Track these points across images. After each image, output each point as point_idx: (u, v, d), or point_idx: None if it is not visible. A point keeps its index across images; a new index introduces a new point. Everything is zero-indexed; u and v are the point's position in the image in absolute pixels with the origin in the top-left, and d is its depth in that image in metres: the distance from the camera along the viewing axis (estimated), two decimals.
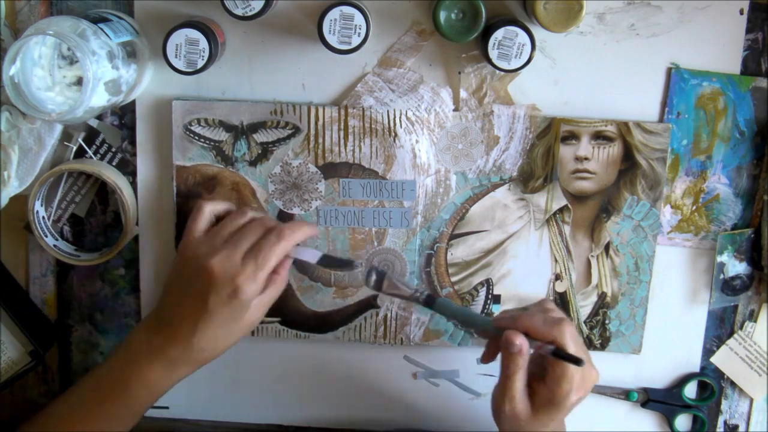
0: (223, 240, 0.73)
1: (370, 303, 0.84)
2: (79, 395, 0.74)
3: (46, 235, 0.82)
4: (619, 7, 0.78)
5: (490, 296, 0.84)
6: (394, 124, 0.80)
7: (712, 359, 0.86)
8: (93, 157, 0.82)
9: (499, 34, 0.73)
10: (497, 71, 0.77)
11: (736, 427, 0.88)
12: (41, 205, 0.81)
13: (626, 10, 0.78)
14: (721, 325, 0.86)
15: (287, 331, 0.85)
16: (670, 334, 0.86)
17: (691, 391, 0.87)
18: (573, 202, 0.82)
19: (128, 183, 0.82)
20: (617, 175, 0.81)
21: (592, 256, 0.84)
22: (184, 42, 0.73)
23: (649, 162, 0.81)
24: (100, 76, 0.71)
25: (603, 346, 0.85)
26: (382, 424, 0.88)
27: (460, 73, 0.80)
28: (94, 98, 0.71)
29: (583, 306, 0.85)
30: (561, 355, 0.68)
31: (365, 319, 0.85)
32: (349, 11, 0.72)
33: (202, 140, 0.81)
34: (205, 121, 0.80)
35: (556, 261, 0.84)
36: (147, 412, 0.88)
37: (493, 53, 0.73)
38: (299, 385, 0.88)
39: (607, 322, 0.85)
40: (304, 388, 0.88)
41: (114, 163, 0.83)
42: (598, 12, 0.78)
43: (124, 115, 0.82)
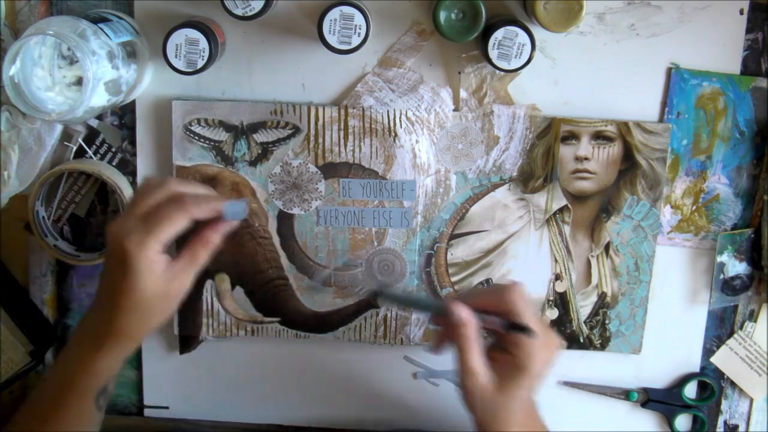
0: (132, 209, 0.68)
1: (370, 303, 0.84)
2: (39, 394, 0.71)
3: (46, 235, 0.81)
4: (619, 7, 0.78)
5: None
6: (394, 124, 0.80)
7: (712, 359, 0.86)
8: (93, 157, 0.82)
9: (499, 34, 0.73)
10: (497, 71, 0.77)
11: (736, 427, 0.88)
12: (41, 205, 0.81)
13: (626, 10, 0.78)
14: (721, 325, 0.86)
15: (287, 331, 0.85)
16: (670, 334, 0.86)
17: (691, 391, 0.87)
18: (573, 202, 0.82)
19: (128, 183, 0.82)
20: (617, 175, 0.81)
21: (592, 256, 0.84)
22: (184, 42, 0.73)
23: (649, 162, 0.81)
24: (100, 76, 0.71)
25: (603, 346, 0.85)
26: (382, 424, 0.88)
27: (460, 73, 0.80)
28: (94, 98, 0.71)
29: (583, 306, 0.85)
30: (512, 326, 0.67)
31: (365, 319, 0.85)
32: (349, 11, 0.72)
33: (202, 140, 0.81)
34: (205, 121, 0.80)
35: (556, 261, 0.84)
36: (147, 412, 0.88)
37: (493, 53, 0.73)
38: (299, 385, 0.88)
39: (607, 322, 0.85)
40: (304, 388, 0.88)
41: (114, 163, 0.83)
42: (598, 12, 0.78)
43: (124, 115, 0.82)
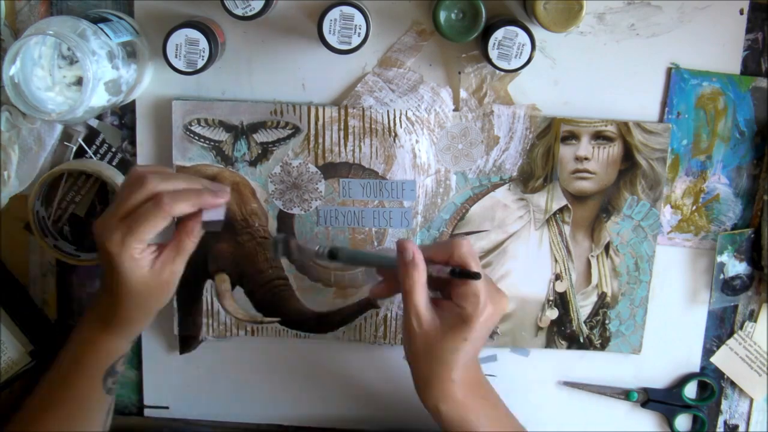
0: (113, 209, 0.71)
1: (370, 303, 0.84)
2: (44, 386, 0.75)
3: (46, 235, 0.81)
4: (619, 7, 0.78)
5: None
6: (394, 124, 0.80)
7: (712, 359, 0.86)
8: (93, 157, 0.82)
9: (499, 34, 0.73)
10: (497, 71, 0.77)
11: (736, 427, 0.88)
12: (41, 205, 0.81)
13: (626, 10, 0.78)
14: (721, 325, 0.86)
15: (287, 331, 0.85)
16: (670, 334, 0.86)
17: (691, 391, 0.87)
18: (573, 202, 0.82)
19: None
20: (617, 175, 0.81)
21: (592, 256, 0.84)
22: (184, 42, 0.73)
23: (649, 162, 0.81)
24: (100, 76, 0.71)
25: (603, 346, 0.85)
26: (382, 424, 0.88)
27: (460, 73, 0.80)
28: (94, 98, 0.71)
29: (583, 306, 0.85)
30: (458, 272, 0.68)
31: (365, 319, 0.85)
32: (349, 11, 0.72)
33: (202, 140, 0.81)
34: (205, 121, 0.80)
35: (556, 261, 0.84)
36: (147, 412, 0.88)
37: (493, 53, 0.73)
38: (299, 385, 0.88)
39: (607, 322, 0.85)
40: (305, 388, 0.88)
41: (114, 163, 0.83)
42: (598, 12, 0.78)
43: (124, 115, 0.82)
